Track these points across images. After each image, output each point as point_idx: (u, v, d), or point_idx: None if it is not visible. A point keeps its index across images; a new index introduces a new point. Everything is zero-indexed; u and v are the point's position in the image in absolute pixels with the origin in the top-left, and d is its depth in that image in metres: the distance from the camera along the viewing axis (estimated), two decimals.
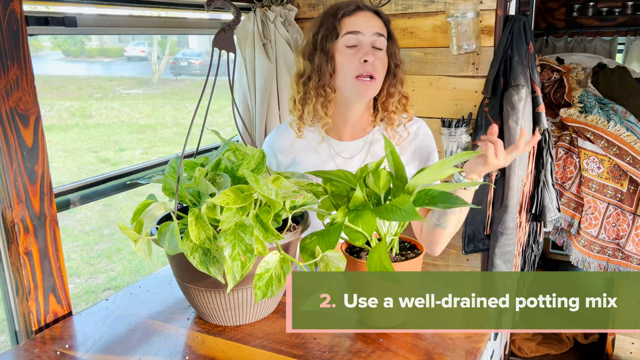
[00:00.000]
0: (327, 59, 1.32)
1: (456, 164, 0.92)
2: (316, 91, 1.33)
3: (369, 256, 0.86)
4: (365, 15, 1.31)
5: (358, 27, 1.30)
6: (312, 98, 1.34)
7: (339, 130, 1.40)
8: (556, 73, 2.26)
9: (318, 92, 1.33)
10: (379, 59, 1.30)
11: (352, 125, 1.40)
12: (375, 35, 1.30)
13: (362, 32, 1.29)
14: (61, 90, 10.61)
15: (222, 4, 0.91)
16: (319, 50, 1.32)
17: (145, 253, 0.90)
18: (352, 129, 1.40)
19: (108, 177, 1.45)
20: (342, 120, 1.39)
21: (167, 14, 1.67)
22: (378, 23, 1.32)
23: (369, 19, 1.31)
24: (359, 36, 1.29)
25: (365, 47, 1.29)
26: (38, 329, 1.04)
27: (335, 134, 1.41)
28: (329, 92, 1.33)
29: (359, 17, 1.31)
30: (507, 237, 1.76)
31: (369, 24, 1.30)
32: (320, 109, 1.35)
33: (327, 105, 1.34)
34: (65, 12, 1.28)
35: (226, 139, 1.06)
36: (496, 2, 1.74)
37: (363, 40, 1.29)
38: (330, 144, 1.41)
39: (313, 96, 1.34)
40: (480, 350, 0.90)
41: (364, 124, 1.41)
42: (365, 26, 1.30)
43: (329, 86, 1.33)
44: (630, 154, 1.94)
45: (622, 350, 2.42)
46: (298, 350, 0.90)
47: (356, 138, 1.41)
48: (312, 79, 1.34)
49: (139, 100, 10.51)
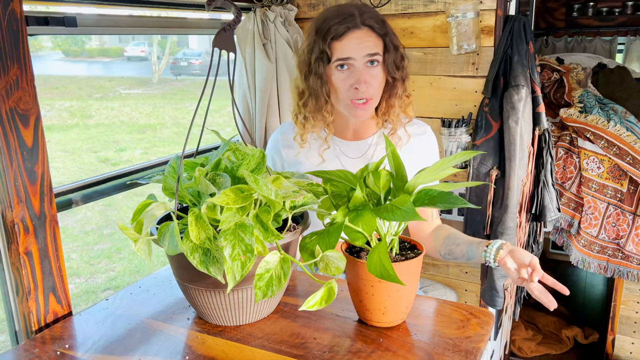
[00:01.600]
0: (321, 83, 1.29)
1: (456, 164, 0.92)
2: (314, 115, 1.34)
3: (369, 256, 0.86)
4: (357, 37, 1.25)
5: (348, 52, 1.25)
6: (312, 121, 1.35)
7: (343, 131, 1.42)
8: (556, 73, 2.26)
9: (316, 117, 1.35)
10: (373, 78, 1.27)
11: (354, 128, 1.41)
12: (367, 56, 1.25)
13: (353, 57, 1.25)
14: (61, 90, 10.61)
15: (222, 4, 0.91)
16: (313, 73, 1.30)
17: (145, 253, 0.90)
18: (355, 130, 1.42)
19: (108, 177, 1.45)
20: (345, 124, 1.40)
21: (167, 14, 1.67)
22: (371, 42, 1.26)
23: (361, 39, 1.25)
24: (350, 61, 1.25)
25: (357, 72, 1.25)
26: (38, 329, 1.04)
27: (339, 133, 1.42)
28: (326, 116, 1.34)
29: (349, 40, 1.25)
30: (507, 237, 1.76)
31: (360, 46, 1.25)
32: (318, 131, 1.39)
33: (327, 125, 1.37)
34: (65, 12, 1.28)
35: (226, 139, 1.06)
36: (496, 2, 1.74)
37: (355, 64, 1.25)
38: (335, 143, 1.42)
39: (312, 119, 1.35)
40: (480, 350, 0.90)
41: (369, 126, 1.42)
42: (355, 50, 1.24)
43: (326, 110, 1.33)
44: (630, 154, 1.94)
45: (622, 350, 2.42)
46: (298, 350, 0.90)
47: (361, 138, 1.42)
48: (309, 103, 1.33)
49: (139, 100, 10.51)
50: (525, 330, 2.76)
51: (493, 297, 1.81)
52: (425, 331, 0.95)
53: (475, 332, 0.95)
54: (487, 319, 0.99)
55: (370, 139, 1.41)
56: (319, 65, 1.28)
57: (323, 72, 1.28)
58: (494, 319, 1.07)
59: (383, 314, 0.94)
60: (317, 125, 1.37)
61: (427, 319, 1.00)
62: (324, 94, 1.30)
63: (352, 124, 1.40)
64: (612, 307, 2.37)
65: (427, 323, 0.98)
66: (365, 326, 0.97)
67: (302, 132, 1.39)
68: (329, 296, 0.85)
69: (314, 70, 1.29)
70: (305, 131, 1.39)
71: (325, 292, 0.85)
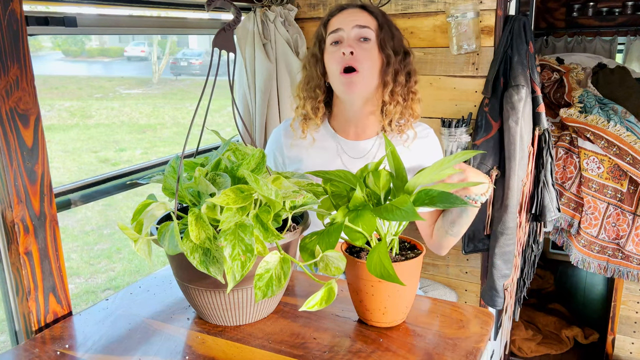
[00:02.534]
0: (316, 61, 1.36)
1: (456, 163, 0.92)
2: (308, 94, 1.39)
3: (369, 256, 0.86)
4: (348, 12, 1.33)
5: (338, 24, 1.32)
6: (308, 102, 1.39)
7: (344, 128, 1.42)
8: (556, 73, 2.26)
9: (310, 95, 1.39)
10: (363, 50, 1.29)
11: (355, 125, 1.40)
12: (356, 27, 1.30)
13: (342, 27, 1.31)
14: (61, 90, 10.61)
15: (222, 4, 0.91)
16: (311, 56, 1.38)
17: (145, 253, 0.90)
18: (356, 128, 1.41)
19: (108, 177, 1.45)
20: (345, 119, 1.40)
21: (167, 14, 1.67)
22: (362, 16, 1.32)
23: (352, 14, 1.33)
24: (340, 32, 1.31)
25: (346, 41, 1.30)
26: (38, 329, 1.04)
27: (342, 131, 1.42)
28: (318, 93, 1.38)
29: (341, 15, 1.33)
30: (507, 237, 1.76)
31: (351, 18, 1.31)
32: (310, 110, 1.40)
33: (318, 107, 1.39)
34: (65, 12, 1.28)
35: (226, 139, 1.06)
36: (496, 2, 1.74)
37: (344, 35, 1.31)
38: (338, 141, 1.42)
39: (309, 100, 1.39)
40: (480, 350, 0.90)
41: (371, 126, 1.41)
42: (345, 22, 1.31)
43: (319, 87, 1.37)
44: (630, 154, 1.94)
45: (622, 350, 2.42)
46: (298, 350, 0.90)
47: (363, 138, 1.41)
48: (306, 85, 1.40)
49: (139, 100, 10.51)
50: (525, 330, 2.76)
51: (493, 297, 1.81)
52: (425, 331, 0.95)
53: (475, 332, 0.95)
54: (487, 319, 0.99)
55: (373, 139, 1.41)
56: (317, 49, 1.37)
57: (319, 54, 1.36)
58: (494, 319, 1.07)
59: (383, 314, 0.94)
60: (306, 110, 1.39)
61: (427, 319, 1.00)
62: (317, 72, 1.36)
63: (351, 119, 1.40)
64: (612, 307, 2.37)
65: (427, 323, 0.98)
66: (365, 326, 0.97)
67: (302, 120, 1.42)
68: (329, 296, 0.85)
69: (312, 53, 1.38)
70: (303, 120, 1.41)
71: (325, 293, 0.85)
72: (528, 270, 2.00)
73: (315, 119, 1.39)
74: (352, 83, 1.29)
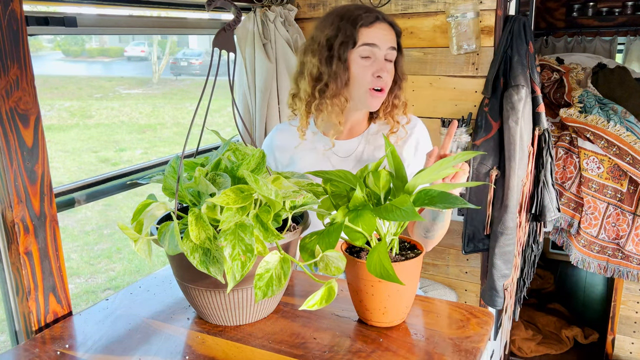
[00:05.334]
0: (344, 68, 1.30)
1: (456, 164, 0.92)
2: (332, 100, 1.32)
3: (369, 256, 0.86)
4: (383, 28, 1.32)
5: (375, 39, 1.30)
6: (328, 107, 1.33)
7: (334, 130, 1.41)
8: (556, 73, 2.26)
9: (334, 102, 1.33)
10: (389, 72, 1.32)
11: (350, 127, 1.43)
12: (389, 49, 1.31)
13: (378, 45, 1.30)
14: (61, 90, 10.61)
15: (223, 4, 0.91)
16: (336, 58, 1.30)
17: (145, 253, 0.90)
18: (350, 130, 1.43)
19: (108, 177, 1.45)
20: (340, 122, 1.40)
21: (167, 14, 1.67)
22: (393, 36, 1.33)
23: (386, 32, 1.32)
24: (374, 49, 1.30)
25: (379, 62, 1.30)
26: (38, 329, 1.04)
27: (329, 133, 1.42)
28: (343, 101, 1.33)
29: (377, 29, 1.31)
30: (507, 237, 1.76)
31: (386, 37, 1.31)
32: (335, 117, 1.35)
33: (341, 114, 1.36)
34: (65, 12, 1.28)
35: (226, 139, 1.06)
36: (496, 2, 1.74)
37: (378, 53, 1.30)
38: (326, 143, 1.42)
39: (329, 105, 1.33)
40: (480, 350, 0.90)
41: (360, 126, 1.44)
42: (382, 39, 1.30)
43: (343, 96, 1.33)
44: (630, 154, 1.94)
45: (622, 350, 2.42)
46: (298, 350, 0.90)
47: (350, 137, 1.44)
48: (329, 87, 1.32)
49: (139, 100, 10.51)
50: (525, 330, 2.76)
51: (493, 297, 1.81)
52: (425, 331, 0.95)
53: (475, 332, 0.95)
54: (487, 319, 0.99)
55: (360, 137, 1.43)
56: (343, 50, 1.29)
57: (346, 56, 1.30)
58: (493, 319, 1.07)
59: (383, 314, 0.94)
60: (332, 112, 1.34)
61: (427, 319, 1.00)
62: (344, 79, 1.31)
63: (349, 122, 1.41)
64: (612, 307, 2.37)
65: (427, 323, 0.98)
66: (365, 326, 0.97)
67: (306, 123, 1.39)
68: (329, 296, 0.85)
69: (338, 54, 1.30)
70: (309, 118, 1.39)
71: (325, 292, 0.85)
72: (528, 270, 2.01)
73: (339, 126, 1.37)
74: (379, 102, 1.33)
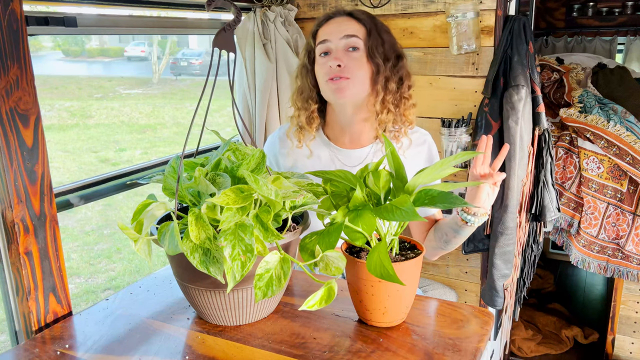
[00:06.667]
0: (306, 72, 1.36)
1: (456, 164, 0.92)
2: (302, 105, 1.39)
3: (369, 256, 0.86)
4: (336, 22, 1.32)
5: (326, 35, 1.31)
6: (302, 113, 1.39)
7: (339, 137, 1.41)
8: (556, 73, 2.26)
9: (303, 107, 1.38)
10: (352, 59, 1.29)
11: (349, 133, 1.39)
12: (344, 37, 1.29)
13: (329, 39, 1.30)
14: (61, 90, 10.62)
15: (223, 4, 0.91)
16: (302, 67, 1.38)
17: (145, 253, 0.90)
18: (351, 136, 1.39)
19: (108, 177, 1.45)
20: (339, 128, 1.40)
21: (167, 14, 1.67)
22: (350, 24, 1.31)
23: (339, 23, 1.31)
24: (327, 44, 1.30)
25: (334, 53, 1.30)
26: (38, 329, 1.04)
27: (336, 140, 1.41)
28: (310, 103, 1.37)
29: (328, 25, 1.33)
30: (507, 237, 1.76)
31: (338, 28, 1.30)
32: (305, 121, 1.39)
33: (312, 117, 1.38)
34: (65, 12, 1.28)
35: (226, 139, 1.06)
36: (496, 2, 1.74)
37: (332, 46, 1.30)
38: (333, 150, 1.41)
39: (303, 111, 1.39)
40: (480, 350, 0.90)
41: (366, 133, 1.39)
42: (333, 32, 1.30)
43: (311, 98, 1.37)
44: (630, 154, 1.94)
45: (622, 350, 2.42)
46: (298, 350, 0.90)
47: (358, 146, 1.40)
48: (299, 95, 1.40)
49: (139, 100, 10.51)
50: (525, 330, 2.77)
51: (493, 297, 1.81)
52: (425, 331, 0.95)
53: (475, 332, 0.95)
54: (487, 319, 0.99)
55: (369, 147, 1.40)
56: (307, 60, 1.37)
57: (309, 65, 1.36)
58: (494, 319, 1.07)
59: (383, 314, 0.94)
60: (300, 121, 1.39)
61: (427, 319, 1.00)
62: (308, 83, 1.36)
63: (347, 129, 1.38)
64: (612, 307, 2.37)
65: (427, 323, 0.98)
66: (365, 326, 0.97)
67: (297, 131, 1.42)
68: (329, 296, 0.85)
69: (302, 64, 1.38)
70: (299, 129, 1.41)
71: (325, 292, 0.85)
72: (528, 270, 2.01)
73: (310, 129, 1.38)
74: (340, 89, 1.28)
